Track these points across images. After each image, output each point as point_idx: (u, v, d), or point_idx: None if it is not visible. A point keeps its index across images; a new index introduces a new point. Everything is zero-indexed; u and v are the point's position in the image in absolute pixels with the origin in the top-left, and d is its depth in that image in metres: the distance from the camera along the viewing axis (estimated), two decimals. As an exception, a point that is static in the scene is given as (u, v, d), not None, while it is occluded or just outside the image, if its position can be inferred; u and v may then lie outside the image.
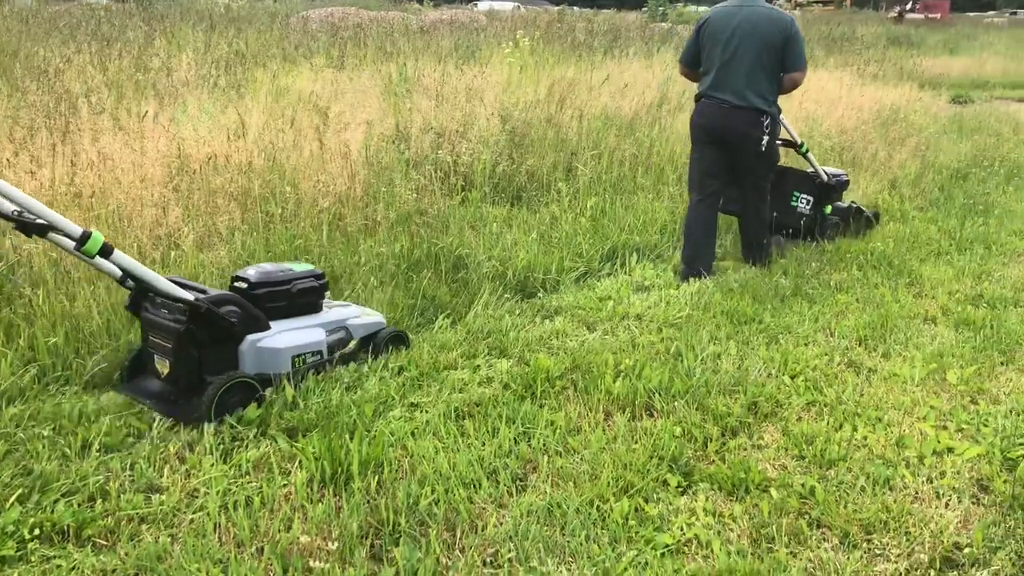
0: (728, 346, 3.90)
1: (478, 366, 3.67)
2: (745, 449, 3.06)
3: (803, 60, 5.01)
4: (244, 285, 3.39)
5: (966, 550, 2.48)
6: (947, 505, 2.72)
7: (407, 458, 2.90)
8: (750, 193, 5.20)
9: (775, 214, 5.50)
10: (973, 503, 2.74)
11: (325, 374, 3.46)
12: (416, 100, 7.16)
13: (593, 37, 13.70)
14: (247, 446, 2.97)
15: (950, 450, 3.05)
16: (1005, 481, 2.83)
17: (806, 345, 3.98)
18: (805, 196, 5.74)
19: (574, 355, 3.71)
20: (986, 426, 3.22)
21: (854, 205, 6.08)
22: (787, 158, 6.14)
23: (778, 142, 5.23)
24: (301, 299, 3.48)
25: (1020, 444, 3.09)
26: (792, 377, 3.63)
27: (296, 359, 3.39)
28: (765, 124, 4.95)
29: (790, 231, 5.82)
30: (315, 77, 8.35)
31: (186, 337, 3.12)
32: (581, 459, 2.93)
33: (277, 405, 3.21)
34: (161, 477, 2.76)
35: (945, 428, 3.23)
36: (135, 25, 11.22)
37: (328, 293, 3.70)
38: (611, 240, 5.35)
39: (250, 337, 3.28)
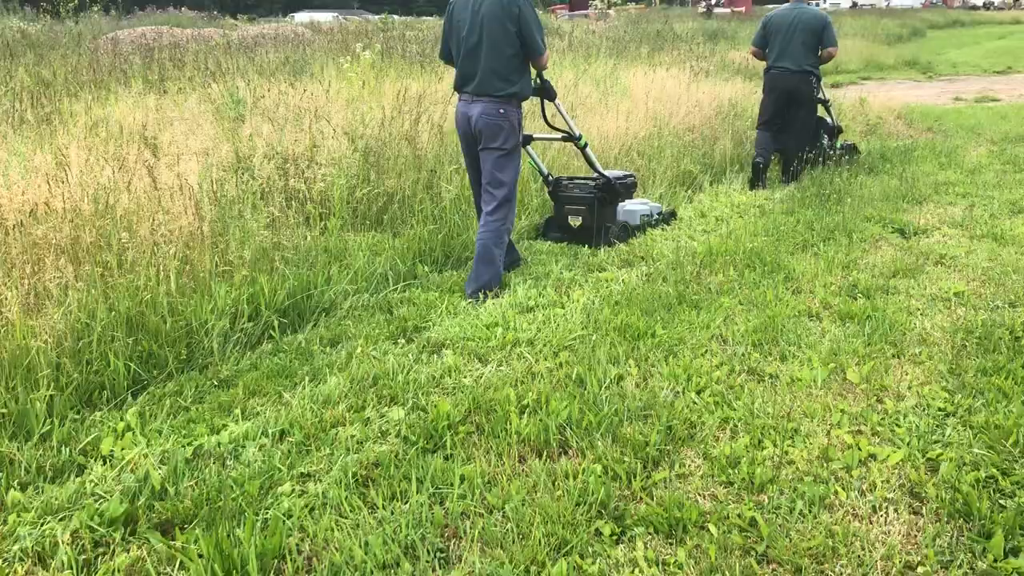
0: (628, 365, 3.72)
1: (369, 419, 3.32)
2: (670, 481, 2.87)
3: (835, 39, 7.76)
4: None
5: (919, 569, 2.38)
6: (887, 520, 2.62)
7: (308, 541, 2.53)
8: (797, 131, 7.81)
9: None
10: (911, 514, 2.66)
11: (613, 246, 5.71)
12: (254, 123, 6.65)
13: (425, 46, 13.40)
14: (113, 552, 2.52)
15: (873, 456, 2.98)
16: (934, 485, 2.77)
17: (703, 355, 3.86)
18: (825, 135, 8.40)
19: (472, 394, 3.43)
20: (899, 426, 3.18)
21: (850, 142, 8.86)
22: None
23: (819, 96, 8.03)
24: (631, 188, 6.02)
25: (936, 442, 3.06)
26: (699, 392, 3.49)
27: (641, 217, 6.13)
28: (813, 82, 7.72)
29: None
30: (135, 105, 7.63)
31: (598, 199, 5.74)
32: (504, 517, 2.65)
33: (144, 495, 2.76)
34: (9, 610, 2.28)
35: (860, 432, 3.16)
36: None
37: None
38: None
39: (620, 203, 6.00)
